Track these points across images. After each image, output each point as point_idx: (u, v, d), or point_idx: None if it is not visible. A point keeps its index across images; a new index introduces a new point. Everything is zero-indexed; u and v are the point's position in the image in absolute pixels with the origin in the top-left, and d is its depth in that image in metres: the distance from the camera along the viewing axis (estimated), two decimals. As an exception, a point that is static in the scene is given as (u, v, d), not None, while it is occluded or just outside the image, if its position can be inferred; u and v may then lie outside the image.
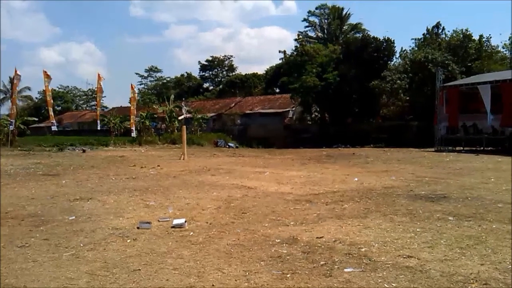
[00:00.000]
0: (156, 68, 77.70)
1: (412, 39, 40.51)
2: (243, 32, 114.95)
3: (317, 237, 5.81)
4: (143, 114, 37.08)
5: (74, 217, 7.30)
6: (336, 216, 7.20)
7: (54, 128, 33.85)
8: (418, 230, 6.13)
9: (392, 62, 38.15)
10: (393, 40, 38.00)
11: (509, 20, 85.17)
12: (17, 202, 8.75)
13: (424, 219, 6.84)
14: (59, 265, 4.86)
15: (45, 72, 31.05)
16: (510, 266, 4.56)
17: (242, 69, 79.01)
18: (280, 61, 48.51)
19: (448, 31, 38.19)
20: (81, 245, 5.65)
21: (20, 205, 8.44)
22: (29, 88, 62.82)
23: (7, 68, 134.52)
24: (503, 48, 37.12)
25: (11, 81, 42.48)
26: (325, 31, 58.72)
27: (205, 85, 73.83)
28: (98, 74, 32.62)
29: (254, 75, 62.13)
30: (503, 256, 4.88)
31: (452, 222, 6.57)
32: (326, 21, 59.14)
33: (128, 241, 5.82)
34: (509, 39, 36.41)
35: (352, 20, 58.58)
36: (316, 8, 59.31)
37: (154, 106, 42.55)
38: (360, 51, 36.93)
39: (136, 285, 4.22)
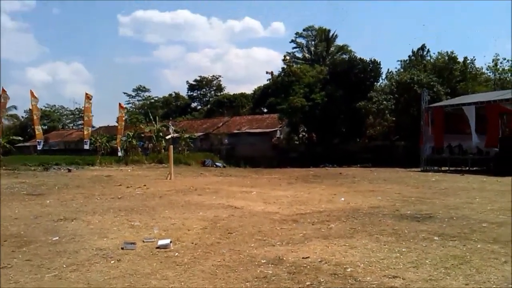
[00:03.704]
0: (144, 87, 77.80)
1: (398, 60, 41.26)
2: (231, 52, 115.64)
3: (303, 257, 5.78)
4: (130, 133, 36.92)
5: (57, 238, 7.20)
6: (322, 236, 7.19)
7: (39, 147, 33.53)
8: (403, 250, 6.15)
9: (378, 83, 38.70)
10: (379, 62, 38.69)
11: (493, 42, 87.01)
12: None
13: (409, 239, 6.86)
14: (41, 286, 4.79)
15: (32, 92, 31.03)
16: (494, 286, 4.58)
17: (230, 89, 79.36)
18: (268, 81, 48.87)
19: (433, 53, 39.01)
20: (64, 266, 5.57)
21: (3, 226, 8.29)
22: (15, 107, 62.57)
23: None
24: (487, 70, 37.89)
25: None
26: (312, 52, 59.48)
27: (193, 104, 73.98)
28: (86, 94, 32.54)
29: (242, 95, 62.43)
30: (487, 276, 4.90)
31: (437, 242, 6.60)
32: (313, 42, 60.00)
33: (112, 262, 5.75)
34: (492, 61, 37.18)
35: (339, 42, 59.47)
36: (304, 30, 60.28)
37: (141, 125, 42.39)
38: (347, 72, 37.40)
39: (119, 307, 4.16)
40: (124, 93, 78.65)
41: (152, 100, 75.21)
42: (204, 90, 74.15)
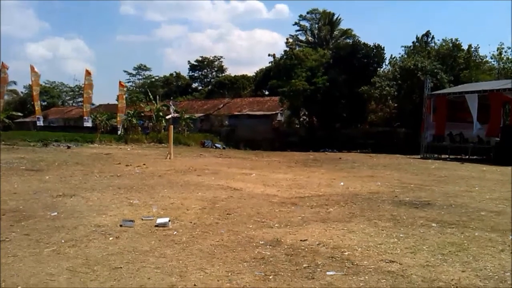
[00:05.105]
0: (145, 66, 77.24)
1: (402, 46, 40.92)
2: (234, 33, 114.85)
3: (301, 240, 5.80)
4: (130, 112, 36.83)
5: (56, 213, 7.21)
6: (320, 219, 7.20)
7: (39, 123, 33.49)
8: (401, 235, 6.16)
9: (382, 69, 38.44)
10: (383, 47, 38.38)
11: (498, 31, 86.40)
12: (-2, 197, 8.62)
13: (407, 225, 6.87)
14: (39, 260, 4.80)
15: (32, 67, 30.82)
16: (490, 274, 4.59)
17: (232, 71, 78.93)
18: (270, 64, 48.56)
19: (438, 40, 38.64)
20: (63, 241, 5.59)
21: (1, 200, 8.32)
22: (15, 82, 62.44)
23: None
24: (491, 58, 37.51)
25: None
26: (316, 36, 58.95)
27: (194, 85, 73.56)
28: (86, 70, 32.31)
29: (244, 76, 62.09)
30: (484, 264, 4.92)
31: (435, 229, 6.62)
32: (317, 25, 59.40)
33: (110, 238, 5.76)
34: (497, 50, 36.84)
35: (343, 26, 58.93)
36: (308, 13, 59.65)
37: (141, 104, 42.24)
38: (350, 56, 37.14)
39: (117, 283, 4.18)
40: (125, 71, 78.32)
41: (153, 79, 74.80)
42: (206, 70, 73.71)
